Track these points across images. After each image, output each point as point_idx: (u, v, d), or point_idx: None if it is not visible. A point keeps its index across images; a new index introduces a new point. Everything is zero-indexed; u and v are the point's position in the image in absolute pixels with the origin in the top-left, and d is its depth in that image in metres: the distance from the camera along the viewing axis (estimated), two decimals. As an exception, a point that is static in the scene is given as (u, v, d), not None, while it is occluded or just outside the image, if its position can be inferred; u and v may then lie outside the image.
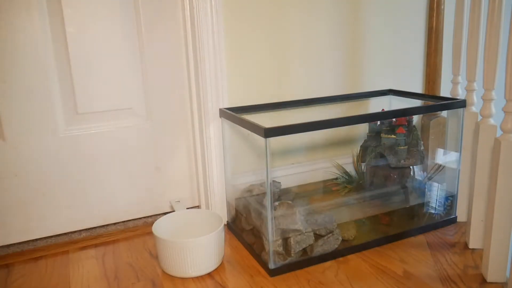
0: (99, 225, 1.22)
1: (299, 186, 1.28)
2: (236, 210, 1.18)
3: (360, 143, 1.29)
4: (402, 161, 1.15)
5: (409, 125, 1.19)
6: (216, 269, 1.00)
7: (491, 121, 0.99)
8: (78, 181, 1.17)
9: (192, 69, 1.17)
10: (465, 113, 1.11)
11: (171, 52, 1.19)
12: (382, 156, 1.18)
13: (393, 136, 1.17)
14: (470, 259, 1.01)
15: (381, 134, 1.19)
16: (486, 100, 1.00)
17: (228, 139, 1.20)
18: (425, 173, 1.23)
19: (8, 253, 1.12)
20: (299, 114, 1.29)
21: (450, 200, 1.18)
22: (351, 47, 1.34)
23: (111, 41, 1.13)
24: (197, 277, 0.97)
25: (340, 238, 1.04)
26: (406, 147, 1.15)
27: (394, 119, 1.19)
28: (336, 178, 1.31)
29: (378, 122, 1.25)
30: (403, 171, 1.18)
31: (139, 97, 1.20)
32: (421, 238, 1.11)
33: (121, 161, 1.20)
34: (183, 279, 0.97)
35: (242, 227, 1.13)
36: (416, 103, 1.28)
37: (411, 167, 1.19)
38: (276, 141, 1.28)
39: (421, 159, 1.16)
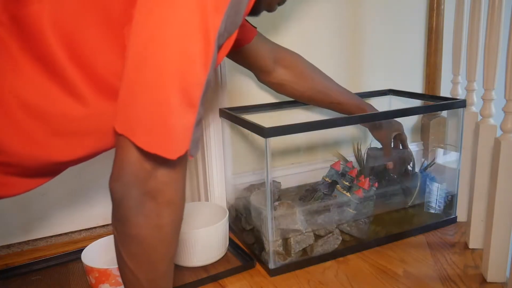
0: (99, 225, 1.22)
1: (299, 186, 1.28)
2: (236, 210, 1.18)
3: (360, 143, 1.28)
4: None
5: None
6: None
7: (491, 121, 0.99)
8: (78, 180, 1.17)
9: (192, 69, 1.17)
10: (465, 113, 1.11)
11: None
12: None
13: (348, 194, 1.07)
14: (470, 259, 1.01)
15: (337, 186, 1.10)
16: (486, 100, 1.00)
17: (228, 139, 1.20)
18: (424, 161, 1.22)
19: (8, 253, 1.12)
20: (299, 114, 1.29)
21: (450, 196, 1.17)
22: (351, 47, 1.34)
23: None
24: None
25: (340, 238, 1.04)
26: (355, 212, 1.07)
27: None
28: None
29: (340, 170, 1.13)
30: (403, 158, 1.18)
31: (139, 97, 1.19)
32: (421, 238, 1.11)
33: (121, 161, 1.20)
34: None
35: (242, 227, 1.13)
36: (416, 103, 1.28)
37: (411, 157, 1.20)
38: (276, 141, 1.28)
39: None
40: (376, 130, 1.16)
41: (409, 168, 1.21)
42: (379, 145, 1.19)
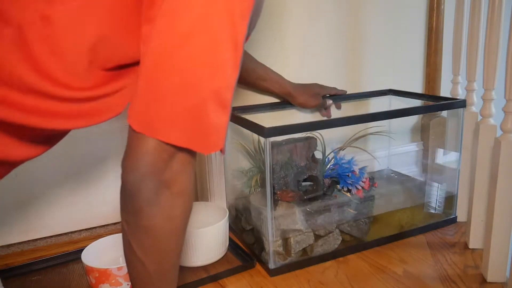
0: (99, 225, 1.22)
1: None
2: (236, 210, 1.18)
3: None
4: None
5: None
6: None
7: (491, 121, 0.99)
8: (78, 180, 1.17)
9: (192, 69, 1.17)
10: (465, 113, 1.11)
11: (171, 52, 1.19)
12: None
13: (348, 194, 1.08)
14: (470, 259, 1.01)
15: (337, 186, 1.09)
16: (486, 100, 1.00)
17: (228, 139, 1.19)
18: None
19: (8, 253, 1.12)
20: (299, 114, 1.29)
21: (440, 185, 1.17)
22: (351, 47, 1.34)
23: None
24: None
25: (340, 238, 1.04)
26: (355, 212, 1.06)
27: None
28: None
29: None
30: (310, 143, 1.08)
31: (139, 97, 1.19)
32: (421, 238, 1.11)
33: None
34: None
35: (242, 227, 1.13)
36: (416, 103, 1.28)
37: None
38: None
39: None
40: (298, 96, 1.20)
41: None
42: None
